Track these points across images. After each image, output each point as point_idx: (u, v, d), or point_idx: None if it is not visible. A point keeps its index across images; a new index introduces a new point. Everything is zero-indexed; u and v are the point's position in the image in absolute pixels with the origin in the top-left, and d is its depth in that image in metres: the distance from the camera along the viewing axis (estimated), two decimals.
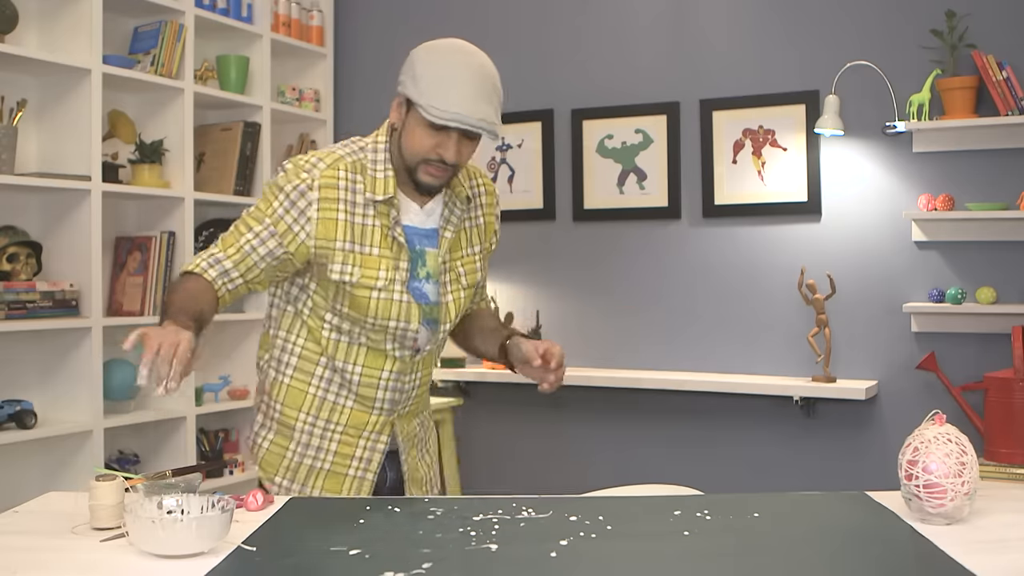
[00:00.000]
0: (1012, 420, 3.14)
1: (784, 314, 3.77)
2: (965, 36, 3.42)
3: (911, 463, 1.78)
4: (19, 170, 3.28)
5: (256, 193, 4.12)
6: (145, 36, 3.75)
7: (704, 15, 3.94)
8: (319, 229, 1.97)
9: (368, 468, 2.15)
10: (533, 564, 1.56)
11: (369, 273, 2.00)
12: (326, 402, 2.11)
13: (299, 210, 1.97)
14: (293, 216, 1.97)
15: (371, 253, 2.00)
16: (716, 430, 3.87)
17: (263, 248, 1.98)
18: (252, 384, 4.11)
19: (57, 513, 1.87)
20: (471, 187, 2.15)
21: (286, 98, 4.36)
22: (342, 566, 1.54)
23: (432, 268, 2.07)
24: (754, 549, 1.65)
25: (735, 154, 3.86)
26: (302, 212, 1.97)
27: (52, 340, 3.44)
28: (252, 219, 2.00)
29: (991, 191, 3.46)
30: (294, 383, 2.12)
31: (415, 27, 4.47)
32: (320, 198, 1.97)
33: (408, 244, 2.03)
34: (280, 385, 2.14)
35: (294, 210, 1.97)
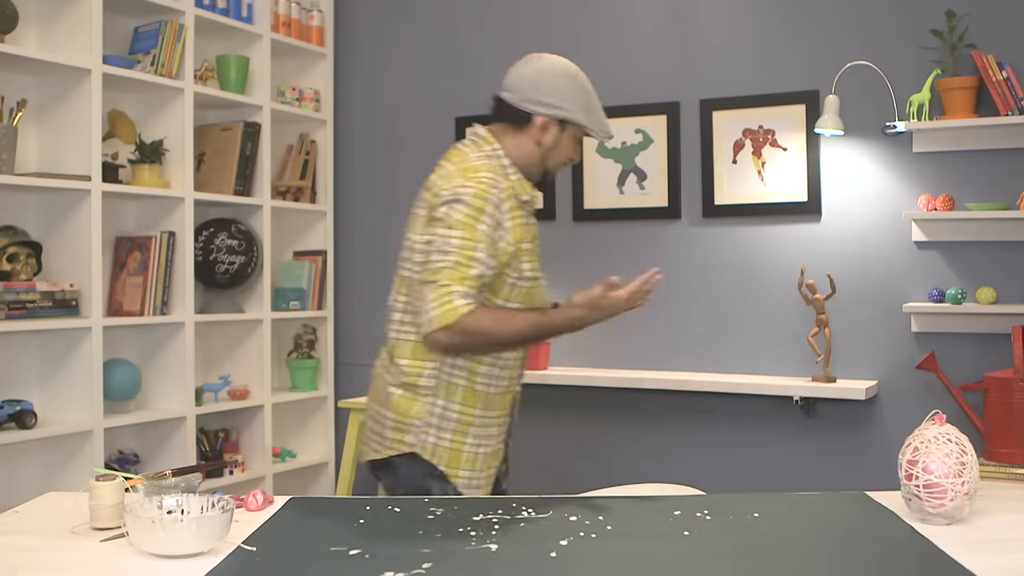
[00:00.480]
0: (1012, 420, 3.14)
1: (784, 314, 3.77)
2: (965, 36, 3.42)
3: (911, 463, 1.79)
4: (19, 170, 3.28)
5: (255, 193, 4.12)
6: (145, 36, 3.75)
7: (704, 15, 3.94)
8: (514, 235, 2.24)
9: (507, 436, 2.43)
10: (533, 564, 1.56)
11: (536, 265, 2.33)
12: (489, 395, 2.32)
13: (497, 222, 2.21)
14: (496, 233, 2.20)
15: (534, 248, 2.32)
16: (716, 430, 3.87)
17: (489, 272, 2.19)
18: (252, 384, 4.13)
19: (57, 513, 1.87)
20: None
21: (286, 98, 4.36)
22: (342, 566, 1.54)
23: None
24: (754, 549, 1.65)
25: (735, 154, 3.86)
26: (499, 224, 2.21)
27: (52, 340, 3.44)
28: (466, 249, 2.15)
29: (991, 191, 3.46)
30: (467, 383, 2.29)
31: (415, 27, 4.47)
32: (508, 208, 2.24)
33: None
34: (455, 388, 2.29)
35: (495, 225, 2.20)
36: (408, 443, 2.28)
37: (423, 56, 4.45)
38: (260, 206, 4.13)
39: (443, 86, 4.40)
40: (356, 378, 4.53)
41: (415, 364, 2.28)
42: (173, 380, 3.76)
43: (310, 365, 4.41)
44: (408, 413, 2.28)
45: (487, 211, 2.17)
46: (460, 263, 2.13)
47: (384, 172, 4.53)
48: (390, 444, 2.31)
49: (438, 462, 2.27)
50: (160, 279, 3.68)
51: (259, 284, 4.16)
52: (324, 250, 4.49)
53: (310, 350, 4.45)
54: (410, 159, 4.48)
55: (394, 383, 2.32)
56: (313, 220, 4.51)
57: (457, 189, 2.18)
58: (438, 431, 2.28)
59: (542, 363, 4.02)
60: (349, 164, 4.60)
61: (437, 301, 2.12)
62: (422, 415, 2.28)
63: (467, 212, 2.16)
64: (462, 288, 2.12)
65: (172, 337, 3.77)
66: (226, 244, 3.98)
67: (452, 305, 2.11)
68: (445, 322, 2.11)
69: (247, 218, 4.15)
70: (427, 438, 2.28)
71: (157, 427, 3.76)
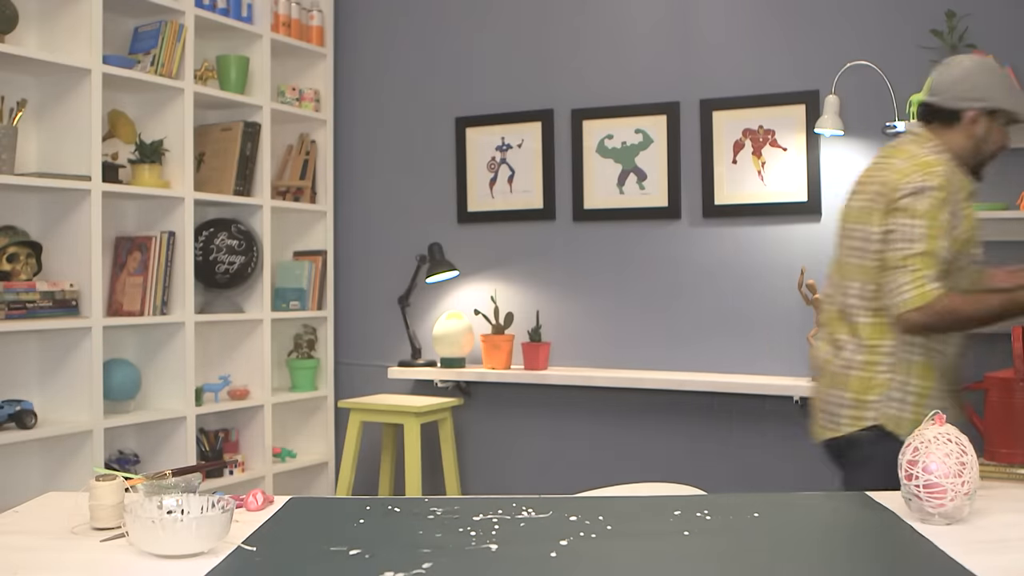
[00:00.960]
0: (1012, 420, 3.13)
1: (784, 314, 3.77)
2: (965, 36, 3.42)
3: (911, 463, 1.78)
4: (19, 170, 3.28)
5: (255, 193, 4.12)
6: (145, 36, 3.75)
7: (704, 15, 3.94)
8: (965, 224, 2.43)
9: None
10: (533, 564, 1.56)
11: (980, 251, 2.53)
12: (943, 368, 2.52)
13: (953, 212, 2.39)
14: (953, 221, 2.39)
15: (977, 235, 2.51)
16: (716, 430, 3.87)
17: (949, 257, 2.38)
18: (252, 384, 4.13)
19: (57, 513, 1.87)
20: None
21: (286, 98, 4.36)
22: (342, 566, 1.54)
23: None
24: (754, 549, 1.65)
25: (735, 154, 3.86)
26: (955, 214, 2.40)
27: (52, 340, 3.44)
28: (932, 237, 2.35)
29: (991, 191, 3.45)
30: (924, 359, 2.45)
31: (415, 27, 4.47)
32: (961, 199, 2.44)
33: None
34: (913, 363, 2.45)
35: (953, 215, 2.39)
36: (870, 418, 2.44)
37: (423, 56, 4.45)
38: (260, 206, 4.13)
39: (443, 86, 4.40)
40: (356, 378, 4.54)
41: (874, 344, 2.45)
42: (173, 380, 3.76)
43: (310, 365, 4.41)
44: (868, 390, 2.45)
45: (948, 201, 2.37)
46: (928, 250, 2.33)
47: (384, 172, 4.53)
48: (850, 421, 2.47)
49: (902, 433, 2.36)
50: (160, 279, 3.68)
51: (259, 284, 4.17)
52: (324, 250, 4.49)
53: (310, 350, 4.45)
54: (410, 159, 4.49)
55: (850, 364, 2.48)
56: (313, 220, 4.51)
57: (919, 182, 2.37)
58: (900, 404, 2.43)
59: (542, 363, 4.02)
60: (349, 164, 4.60)
61: (911, 284, 2.33)
62: (883, 391, 2.44)
63: (931, 202, 2.35)
64: (932, 272, 2.33)
65: (172, 337, 3.77)
66: (226, 244, 3.98)
67: (926, 288, 2.32)
68: (921, 303, 2.32)
69: (247, 218, 4.15)
70: (889, 411, 2.43)
71: (157, 427, 3.76)
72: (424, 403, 3.97)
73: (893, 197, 2.41)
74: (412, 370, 4.24)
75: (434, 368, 4.23)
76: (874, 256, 2.44)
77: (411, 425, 3.87)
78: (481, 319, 4.17)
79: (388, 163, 4.53)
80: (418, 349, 4.32)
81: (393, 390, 4.38)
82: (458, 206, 4.36)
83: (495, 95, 4.29)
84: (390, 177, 4.52)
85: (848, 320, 2.51)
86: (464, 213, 4.35)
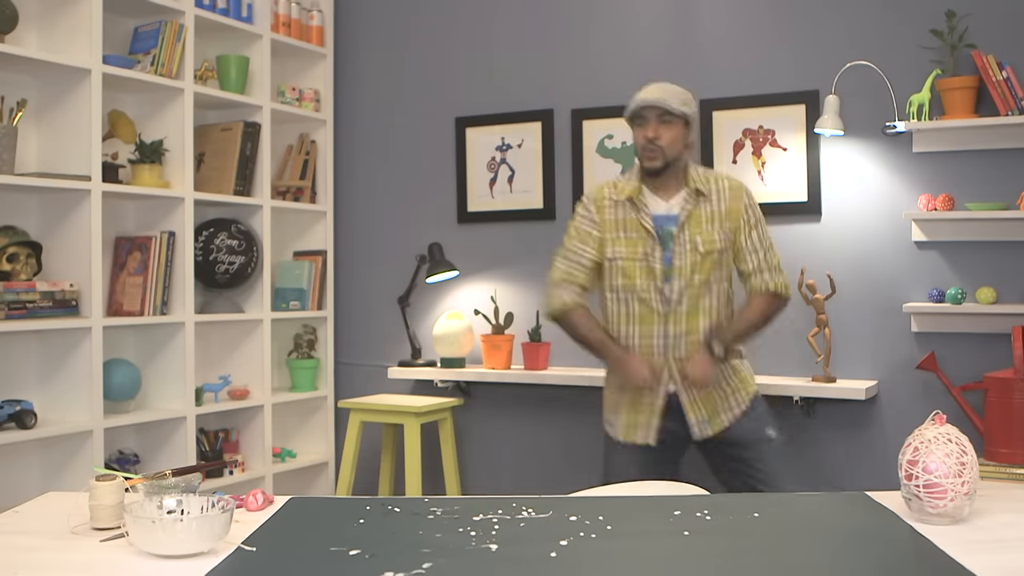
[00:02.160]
0: (1012, 420, 3.14)
1: (784, 314, 3.76)
2: (965, 36, 3.42)
3: (911, 463, 1.79)
4: (19, 170, 3.28)
5: (255, 193, 4.13)
6: (145, 36, 3.75)
7: (704, 15, 3.94)
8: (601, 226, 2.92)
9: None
10: (533, 564, 1.56)
11: (629, 251, 2.89)
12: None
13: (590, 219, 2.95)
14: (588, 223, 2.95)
15: (630, 236, 2.90)
16: None
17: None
18: (252, 384, 4.13)
19: (57, 513, 1.87)
20: (705, 185, 2.91)
21: (286, 98, 4.36)
22: (342, 566, 1.54)
23: (671, 241, 2.88)
24: (754, 549, 1.65)
25: (735, 154, 3.86)
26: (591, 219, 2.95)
27: (52, 340, 3.44)
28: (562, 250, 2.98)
29: (991, 191, 3.46)
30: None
31: (415, 27, 4.47)
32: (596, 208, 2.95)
33: (656, 227, 2.88)
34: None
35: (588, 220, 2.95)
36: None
37: (423, 56, 4.45)
38: (260, 206, 4.13)
39: (443, 86, 4.40)
40: (356, 378, 4.53)
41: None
42: (173, 380, 3.76)
43: (310, 365, 4.41)
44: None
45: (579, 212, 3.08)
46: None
47: (384, 172, 4.53)
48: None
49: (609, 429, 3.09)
50: (160, 279, 3.68)
51: (259, 284, 4.17)
52: (324, 250, 4.49)
53: (310, 350, 4.45)
54: (410, 159, 4.49)
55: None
56: (313, 220, 4.51)
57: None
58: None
59: (542, 363, 4.02)
60: (349, 164, 4.61)
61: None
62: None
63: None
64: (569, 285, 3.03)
65: (172, 337, 3.77)
66: (226, 244, 3.98)
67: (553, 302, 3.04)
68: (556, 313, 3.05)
69: (247, 218, 4.15)
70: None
71: (157, 427, 3.76)
72: (424, 403, 3.97)
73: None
74: (412, 370, 4.24)
75: (434, 368, 4.23)
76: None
77: (411, 425, 3.87)
78: (481, 319, 4.17)
79: (388, 163, 4.53)
80: (418, 349, 4.32)
81: (393, 390, 4.38)
82: (458, 206, 4.36)
83: (495, 95, 4.29)
84: (390, 177, 4.51)
85: None
86: (464, 213, 4.35)
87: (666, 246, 2.88)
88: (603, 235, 2.92)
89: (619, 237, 2.90)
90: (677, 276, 2.86)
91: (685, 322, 2.88)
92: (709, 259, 2.88)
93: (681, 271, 2.86)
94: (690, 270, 2.87)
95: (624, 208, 2.91)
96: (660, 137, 2.83)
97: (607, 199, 2.94)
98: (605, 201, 2.93)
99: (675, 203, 2.91)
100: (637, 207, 2.89)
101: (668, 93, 2.86)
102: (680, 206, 2.90)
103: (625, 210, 2.91)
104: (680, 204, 2.90)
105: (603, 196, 2.95)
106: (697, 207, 2.90)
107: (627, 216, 2.90)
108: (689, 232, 2.88)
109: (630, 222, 2.90)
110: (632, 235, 2.89)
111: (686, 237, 2.87)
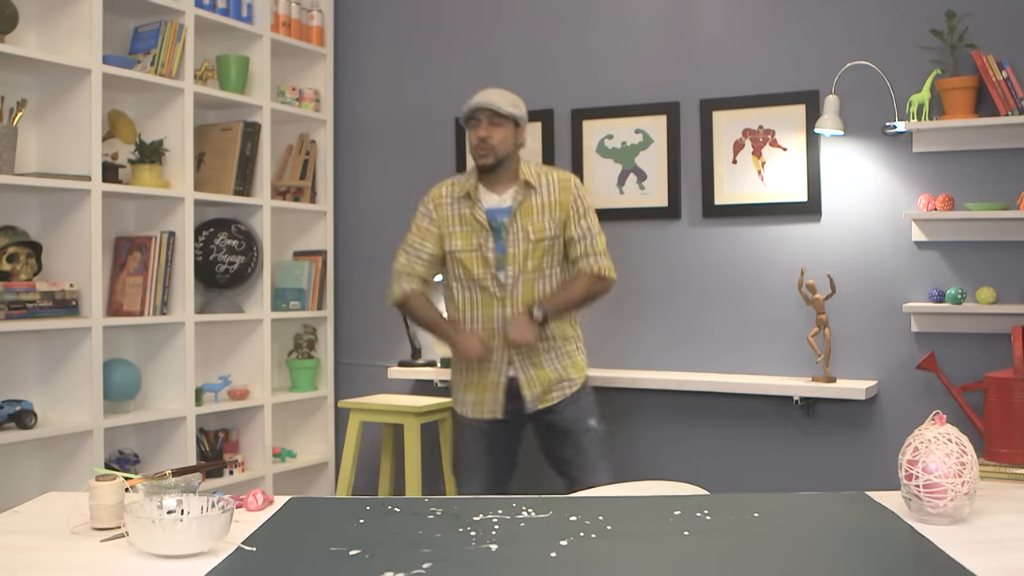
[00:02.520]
0: (1012, 420, 3.14)
1: (784, 314, 3.77)
2: (965, 36, 3.42)
3: (911, 463, 1.79)
4: (19, 170, 3.28)
5: (255, 193, 4.13)
6: (145, 36, 3.75)
7: (704, 15, 3.94)
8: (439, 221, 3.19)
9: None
10: (533, 564, 1.56)
11: (464, 244, 3.14)
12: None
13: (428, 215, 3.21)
14: (427, 220, 3.21)
15: (465, 230, 3.16)
16: (716, 430, 3.86)
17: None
18: (252, 384, 4.13)
19: (57, 513, 1.87)
20: (536, 179, 3.16)
21: (286, 98, 4.36)
22: (342, 566, 1.54)
23: (504, 231, 3.13)
24: (754, 549, 1.65)
25: (735, 154, 3.86)
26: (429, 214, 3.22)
27: (52, 340, 3.44)
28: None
29: (991, 191, 3.46)
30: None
31: (415, 27, 4.47)
32: (434, 206, 3.22)
33: (489, 219, 3.13)
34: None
35: (427, 217, 3.22)
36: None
37: (423, 56, 4.45)
38: (260, 206, 4.13)
39: (443, 86, 4.40)
40: (356, 378, 4.53)
41: None
42: (173, 380, 3.76)
43: (310, 365, 4.41)
44: None
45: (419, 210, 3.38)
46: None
47: (384, 172, 4.53)
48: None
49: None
50: (160, 279, 3.68)
51: (259, 284, 4.17)
52: (324, 250, 4.49)
53: (310, 350, 4.45)
54: (410, 159, 4.48)
55: None
56: (313, 220, 4.51)
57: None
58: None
59: None
60: (349, 164, 4.60)
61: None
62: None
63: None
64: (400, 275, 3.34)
65: (172, 337, 3.77)
66: (226, 244, 3.98)
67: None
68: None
69: (247, 218, 4.15)
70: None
71: (157, 427, 3.76)
72: (424, 403, 3.97)
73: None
74: (412, 370, 4.24)
75: (434, 368, 4.23)
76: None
77: (411, 425, 3.87)
78: None
79: (388, 163, 4.53)
80: (418, 349, 4.32)
81: (393, 390, 4.38)
82: None
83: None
84: (390, 177, 4.51)
85: None
86: None
87: (499, 236, 3.13)
88: (441, 230, 3.18)
89: (455, 231, 3.16)
90: (511, 263, 3.11)
91: (521, 305, 3.11)
92: (540, 246, 3.12)
93: (514, 258, 3.11)
94: (523, 257, 3.11)
95: (460, 204, 3.16)
96: (491, 137, 3.08)
97: (445, 197, 3.19)
98: (443, 199, 3.19)
99: (507, 196, 3.15)
100: (472, 202, 3.14)
101: (497, 97, 3.11)
102: (512, 199, 3.14)
103: (461, 206, 3.16)
104: (512, 197, 3.14)
105: (441, 194, 3.20)
106: (528, 199, 3.14)
107: (463, 211, 3.15)
108: (521, 222, 3.12)
109: (466, 217, 3.15)
110: (467, 228, 3.14)
111: (518, 227, 3.11)
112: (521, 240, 3.12)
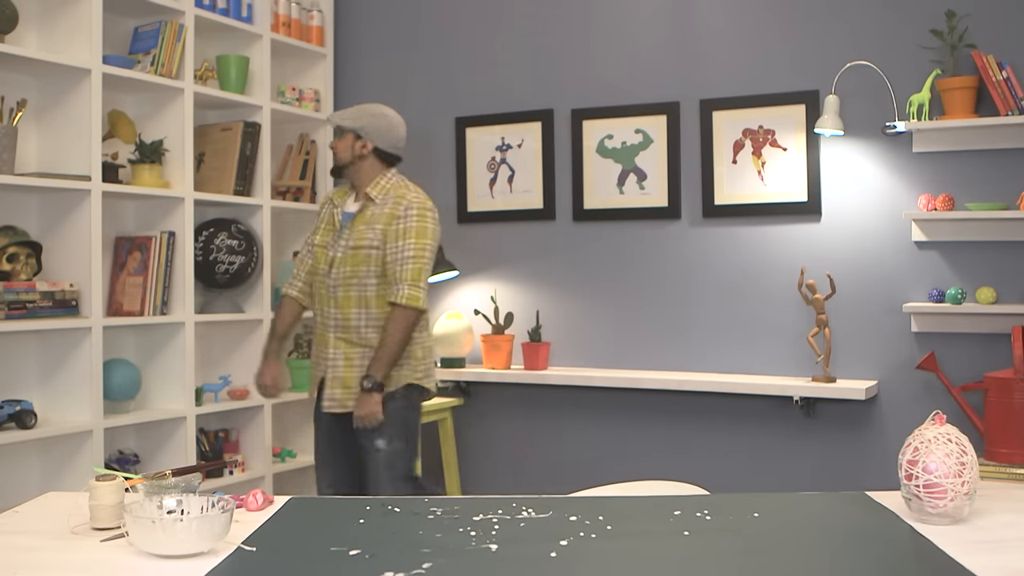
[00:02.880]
0: (1012, 420, 3.14)
1: (784, 314, 3.77)
2: (965, 36, 3.42)
3: (911, 463, 1.79)
4: (19, 170, 3.28)
5: (255, 193, 4.12)
6: (145, 36, 3.75)
7: (704, 15, 3.94)
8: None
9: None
10: (533, 564, 1.56)
11: (321, 240, 3.36)
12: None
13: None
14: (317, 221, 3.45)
15: (325, 228, 3.37)
16: (716, 430, 3.87)
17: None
18: (252, 384, 4.11)
19: (57, 513, 1.87)
20: (382, 194, 3.26)
21: (286, 98, 4.36)
22: (342, 566, 1.54)
23: (342, 235, 3.28)
24: (754, 549, 1.65)
25: (735, 154, 3.86)
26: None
27: (52, 340, 3.44)
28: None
29: (991, 191, 3.46)
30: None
31: (415, 27, 4.47)
32: (320, 208, 3.46)
33: (341, 221, 3.31)
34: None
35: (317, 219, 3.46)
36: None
37: (423, 56, 4.45)
38: (260, 206, 4.13)
39: (443, 86, 4.40)
40: None
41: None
42: (173, 380, 3.76)
43: (310, 365, 4.40)
44: None
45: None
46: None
47: None
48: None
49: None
50: (160, 279, 3.68)
51: (259, 284, 4.16)
52: None
53: (310, 350, 4.45)
54: (410, 159, 4.47)
55: None
56: (313, 220, 4.50)
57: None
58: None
59: (542, 363, 4.02)
60: None
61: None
62: None
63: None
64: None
65: (172, 337, 3.77)
66: (226, 244, 3.98)
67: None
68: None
69: (247, 218, 4.15)
70: None
71: (157, 427, 3.76)
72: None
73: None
74: None
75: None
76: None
77: None
78: (481, 319, 4.17)
79: None
80: None
81: None
82: (458, 206, 4.36)
83: (495, 95, 4.30)
84: None
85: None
86: (464, 213, 4.35)
87: (340, 238, 3.29)
88: (317, 226, 3.42)
89: (321, 227, 3.39)
90: (338, 265, 3.24)
91: (342, 307, 3.24)
92: (358, 254, 3.21)
93: (341, 261, 3.25)
94: (341, 262, 3.24)
95: (330, 205, 3.39)
96: (336, 147, 3.32)
97: (328, 200, 3.43)
98: (328, 200, 3.43)
99: (358, 204, 3.30)
100: (335, 204, 3.37)
101: (341, 112, 3.34)
102: (357, 207, 3.29)
103: (331, 207, 3.38)
104: (357, 205, 3.30)
105: (327, 199, 3.44)
106: (366, 209, 3.26)
107: (332, 211, 3.37)
108: (352, 229, 3.25)
109: (330, 216, 3.37)
110: (327, 226, 3.36)
111: (349, 233, 3.26)
112: (344, 246, 3.25)
